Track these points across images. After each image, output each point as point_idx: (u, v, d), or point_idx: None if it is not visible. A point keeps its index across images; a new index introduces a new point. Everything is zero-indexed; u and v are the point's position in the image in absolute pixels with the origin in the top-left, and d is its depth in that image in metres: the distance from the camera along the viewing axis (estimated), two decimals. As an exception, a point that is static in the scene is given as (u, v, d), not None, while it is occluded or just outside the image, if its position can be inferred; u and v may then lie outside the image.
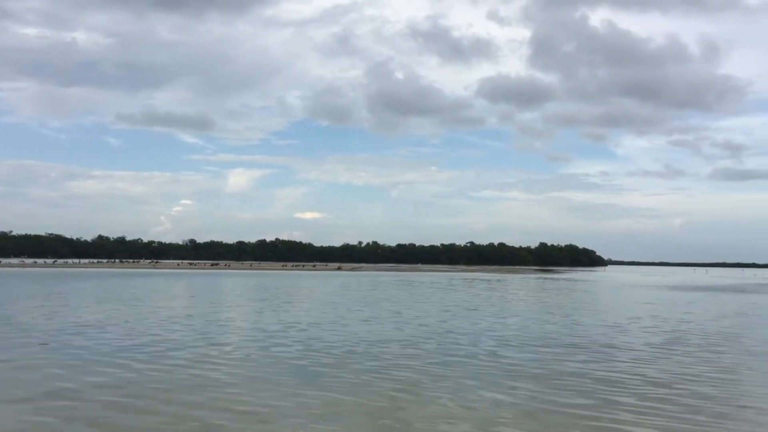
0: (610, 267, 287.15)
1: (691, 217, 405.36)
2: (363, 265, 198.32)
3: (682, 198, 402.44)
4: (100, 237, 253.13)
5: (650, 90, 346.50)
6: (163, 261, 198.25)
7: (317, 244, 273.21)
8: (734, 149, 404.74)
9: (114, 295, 46.53)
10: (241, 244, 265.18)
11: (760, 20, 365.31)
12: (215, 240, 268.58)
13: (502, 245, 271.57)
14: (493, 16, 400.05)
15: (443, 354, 20.76)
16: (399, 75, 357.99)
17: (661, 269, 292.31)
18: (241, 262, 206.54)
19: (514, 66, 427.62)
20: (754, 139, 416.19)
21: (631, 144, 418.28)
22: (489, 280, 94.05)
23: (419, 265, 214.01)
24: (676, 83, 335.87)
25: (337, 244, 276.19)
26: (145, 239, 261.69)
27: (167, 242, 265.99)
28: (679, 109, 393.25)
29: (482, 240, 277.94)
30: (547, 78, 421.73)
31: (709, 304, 49.13)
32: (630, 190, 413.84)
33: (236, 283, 72.11)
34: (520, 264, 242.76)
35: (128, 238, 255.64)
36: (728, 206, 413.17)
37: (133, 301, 40.90)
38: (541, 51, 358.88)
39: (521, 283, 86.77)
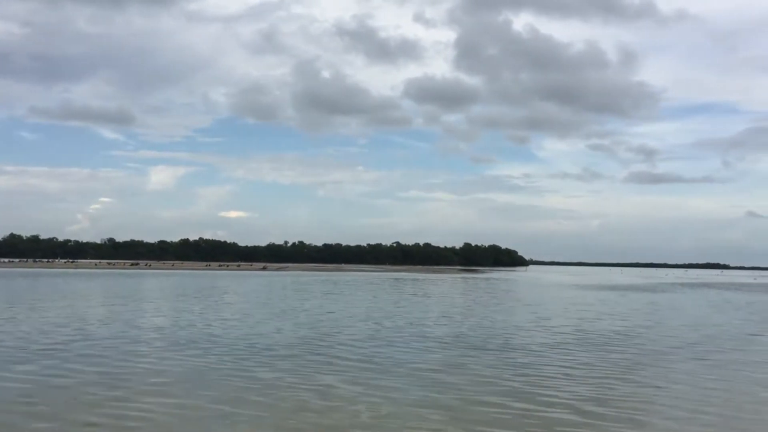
0: (531, 267, 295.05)
1: (607, 218, 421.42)
2: (289, 264, 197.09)
3: (599, 200, 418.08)
4: (12, 235, 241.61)
5: (570, 95, 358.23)
6: (80, 261, 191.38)
7: (242, 243, 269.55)
8: (648, 154, 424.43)
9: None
10: (163, 243, 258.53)
11: (673, 29, 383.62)
12: (136, 239, 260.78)
13: (427, 245, 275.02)
14: (419, 18, 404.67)
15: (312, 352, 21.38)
16: (326, 74, 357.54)
17: (579, 269, 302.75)
18: (162, 261, 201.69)
19: (440, 68, 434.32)
20: (666, 145, 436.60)
21: (552, 147, 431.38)
22: (407, 279, 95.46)
23: (345, 264, 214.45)
24: (595, 89, 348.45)
25: (263, 243, 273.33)
26: (61, 238, 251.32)
27: (84, 241, 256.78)
28: (597, 114, 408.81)
29: (408, 240, 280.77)
30: (472, 80, 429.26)
31: (617, 303, 51.54)
32: (551, 192, 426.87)
33: (148, 283, 70.77)
34: (445, 264, 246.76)
35: (42, 237, 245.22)
36: (642, 208, 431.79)
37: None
38: (466, 53, 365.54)
39: (444, 282, 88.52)
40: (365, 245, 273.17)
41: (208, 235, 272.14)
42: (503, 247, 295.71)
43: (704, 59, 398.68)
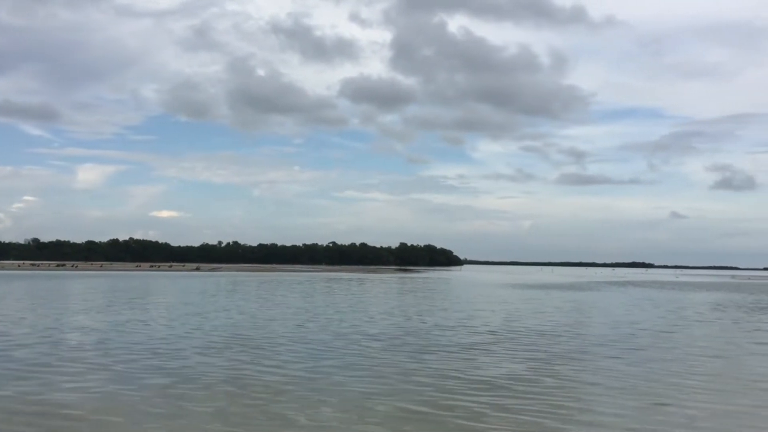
0: (465, 266, 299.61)
1: (539, 219, 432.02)
2: (222, 265, 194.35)
3: (531, 201, 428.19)
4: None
5: (504, 97, 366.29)
6: (2, 262, 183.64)
7: (175, 244, 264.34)
8: (578, 156, 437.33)
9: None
10: (90, 243, 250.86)
11: (603, 35, 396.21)
12: (62, 239, 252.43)
13: (363, 245, 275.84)
14: (354, 18, 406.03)
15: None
16: (260, 72, 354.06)
17: (512, 268, 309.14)
18: (90, 262, 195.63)
19: (376, 68, 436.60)
20: (595, 147, 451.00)
21: (485, 148, 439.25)
22: (341, 279, 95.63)
23: (280, 265, 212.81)
24: (527, 91, 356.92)
25: (196, 244, 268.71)
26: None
27: (6, 241, 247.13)
28: (530, 116, 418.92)
29: (344, 240, 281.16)
30: (408, 81, 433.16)
31: (544, 301, 52.96)
32: (485, 192, 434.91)
33: (69, 285, 68.78)
34: (382, 263, 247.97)
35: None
36: (572, 209, 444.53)
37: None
38: (402, 54, 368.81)
39: (378, 282, 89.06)
40: (301, 245, 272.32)
41: (138, 236, 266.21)
42: (438, 246, 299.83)
43: (631, 64, 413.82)
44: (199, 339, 24.88)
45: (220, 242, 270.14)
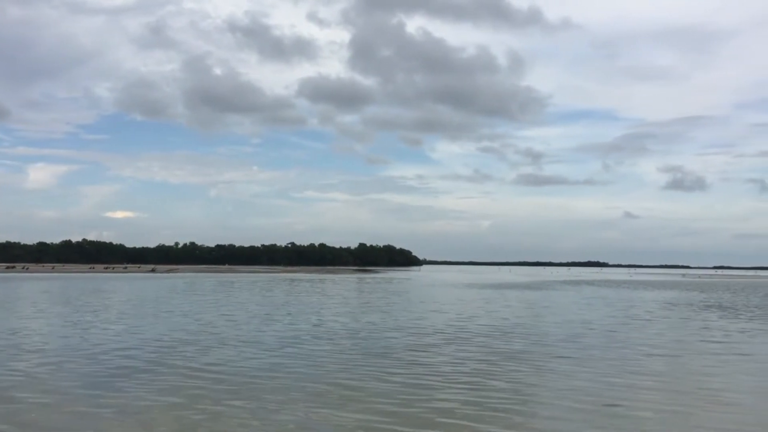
0: (424, 266, 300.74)
1: (497, 219, 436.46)
2: (179, 266, 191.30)
3: (489, 201, 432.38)
4: None
5: (462, 98, 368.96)
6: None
7: (130, 245, 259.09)
8: (535, 157, 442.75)
9: None
10: (42, 245, 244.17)
11: (559, 37, 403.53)
12: (12, 240, 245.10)
13: (322, 246, 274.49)
14: (312, 17, 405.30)
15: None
16: (217, 71, 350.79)
17: (471, 268, 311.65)
18: (42, 264, 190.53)
19: (335, 67, 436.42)
20: (551, 149, 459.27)
21: (444, 149, 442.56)
22: (299, 280, 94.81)
23: (238, 266, 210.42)
24: (485, 92, 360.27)
25: (152, 244, 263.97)
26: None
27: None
28: (488, 117, 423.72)
29: (303, 240, 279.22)
30: (367, 81, 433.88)
31: (499, 301, 53.20)
32: (443, 193, 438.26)
33: (18, 287, 66.74)
34: (341, 264, 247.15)
35: None
36: (530, 209, 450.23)
37: None
38: (361, 54, 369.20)
39: (336, 282, 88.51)
40: (259, 246, 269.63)
41: (92, 237, 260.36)
42: (398, 247, 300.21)
43: (586, 67, 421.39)
44: (130, 342, 24.17)
45: (177, 243, 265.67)
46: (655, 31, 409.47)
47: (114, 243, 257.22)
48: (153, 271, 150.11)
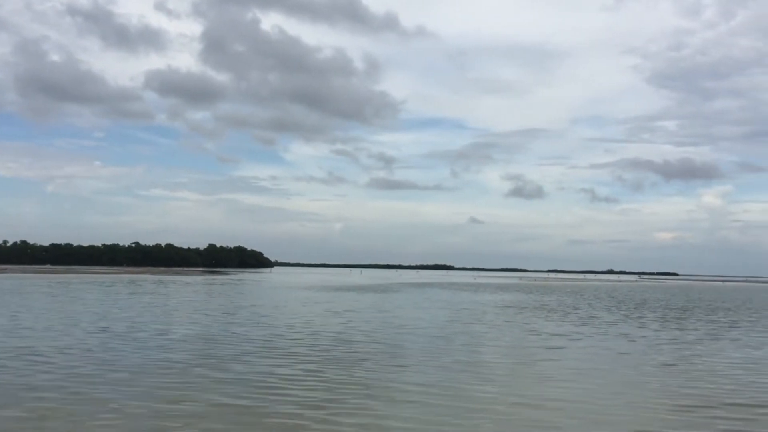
0: (276, 268, 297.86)
1: (350, 222, 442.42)
2: (8, 266, 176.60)
3: (342, 204, 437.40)
4: None
5: (317, 99, 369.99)
6: None
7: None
8: (387, 161, 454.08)
9: None
10: None
11: (413, 44, 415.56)
12: None
13: (169, 246, 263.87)
14: (161, 8, 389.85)
15: None
16: (55, 57, 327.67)
17: (323, 270, 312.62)
18: None
19: (185, 61, 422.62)
20: (402, 154, 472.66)
21: (298, 150, 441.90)
22: (141, 281, 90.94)
23: (77, 266, 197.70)
24: (341, 95, 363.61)
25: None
26: None
27: None
28: (342, 120, 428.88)
29: (149, 240, 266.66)
30: (219, 77, 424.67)
31: (344, 303, 54.23)
32: (297, 194, 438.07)
33: None
34: (189, 265, 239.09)
35: None
36: (381, 213, 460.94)
37: None
38: (213, 48, 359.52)
39: (179, 284, 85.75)
40: (100, 245, 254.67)
41: None
42: (249, 248, 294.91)
43: (438, 76, 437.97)
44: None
45: (5, 241, 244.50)
46: (502, 46, 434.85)
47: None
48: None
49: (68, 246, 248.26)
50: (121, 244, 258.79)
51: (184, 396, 15.95)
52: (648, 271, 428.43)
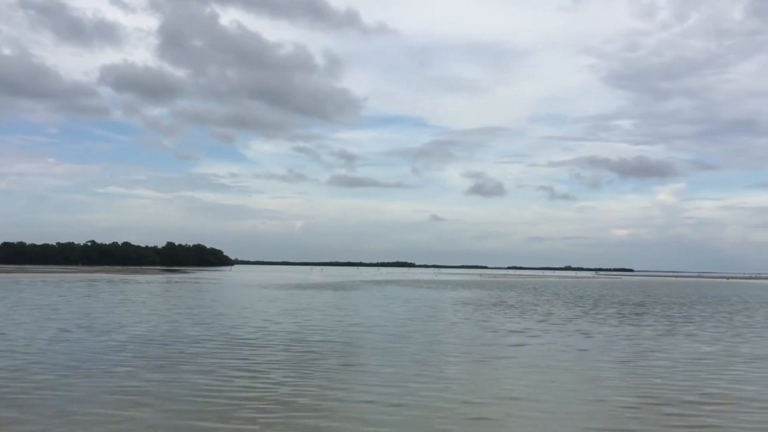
0: (236, 266, 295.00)
1: (311, 219, 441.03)
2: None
3: (303, 201, 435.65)
4: None
5: (278, 96, 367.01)
6: None
7: None
8: (348, 159, 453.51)
9: None
10: None
11: (375, 41, 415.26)
12: None
13: (126, 244, 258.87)
14: (116, 1, 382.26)
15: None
16: (6, 50, 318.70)
17: (283, 268, 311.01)
18: None
19: (142, 56, 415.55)
20: (364, 151, 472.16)
21: (258, 147, 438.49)
22: (96, 281, 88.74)
23: (29, 266, 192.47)
24: (301, 92, 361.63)
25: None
26: None
27: None
28: (303, 117, 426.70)
29: (105, 239, 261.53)
30: (177, 72, 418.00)
31: (302, 302, 53.55)
32: (257, 192, 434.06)
33: None
34: (147, 264, 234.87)
35: None
36: (343, 210, 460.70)
37: None
38: (170, 43, 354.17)
39: (133, 283, 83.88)
40: (54, 244, 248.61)
41: None
42: (209, 246, 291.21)
43: (399, 73, 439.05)
44: None
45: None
46: (462, 44, 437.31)
47: None
48: None
49: (21, 245, 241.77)
50: (76, 242, 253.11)
51: (113, 400, 15.20)
52: (605, 267, 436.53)
